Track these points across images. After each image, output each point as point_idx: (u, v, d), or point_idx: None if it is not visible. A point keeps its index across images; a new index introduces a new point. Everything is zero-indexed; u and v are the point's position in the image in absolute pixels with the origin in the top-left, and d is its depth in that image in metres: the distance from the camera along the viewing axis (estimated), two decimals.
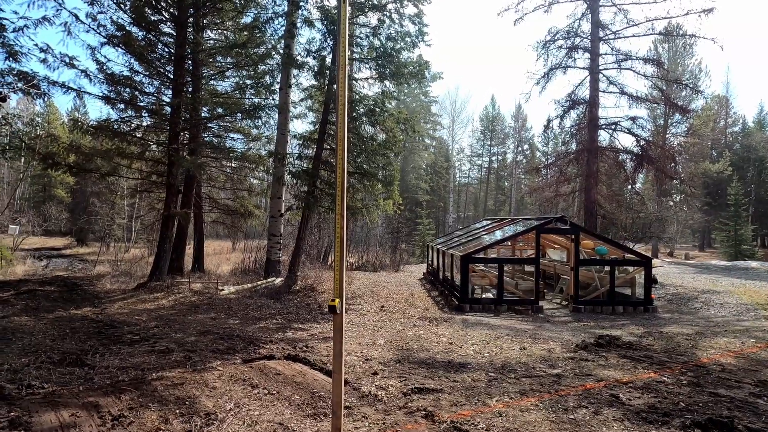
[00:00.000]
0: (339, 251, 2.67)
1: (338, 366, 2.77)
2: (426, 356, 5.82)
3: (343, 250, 2.66)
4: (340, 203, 2.64)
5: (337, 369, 2.79)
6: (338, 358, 2.77)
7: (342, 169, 2.69)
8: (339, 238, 2.69)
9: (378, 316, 8.76)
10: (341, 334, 2.77)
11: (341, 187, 2.68)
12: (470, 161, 59.63)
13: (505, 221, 14.50)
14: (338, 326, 2.77)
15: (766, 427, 3.66)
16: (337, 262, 2.66)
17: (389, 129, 12.71)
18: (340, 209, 2.66)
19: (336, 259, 2.66)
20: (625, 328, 8.25)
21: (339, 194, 2.66)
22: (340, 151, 2.68)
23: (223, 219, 17.75)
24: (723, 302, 11.59)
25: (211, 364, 5.08)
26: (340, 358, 2.77)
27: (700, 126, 37.78)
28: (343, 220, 2.64)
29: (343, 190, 2.67)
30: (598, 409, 4.02)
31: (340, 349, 2.77)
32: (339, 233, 2.67)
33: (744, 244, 33.63)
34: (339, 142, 2.68)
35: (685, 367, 5.56)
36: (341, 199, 2.66)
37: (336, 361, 2.78)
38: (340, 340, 2.77)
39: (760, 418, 3.90)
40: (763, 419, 3.86)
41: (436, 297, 11.91)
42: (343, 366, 2.95)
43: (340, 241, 2.67)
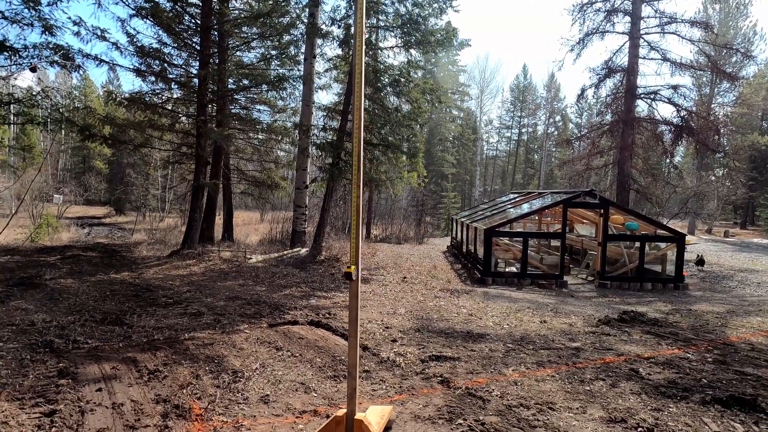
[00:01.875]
0: (355, 219, 2.71)
1: (354, 330, 2.87)
2: (445, 326, 5.92)
3: (359, 218, 2.70)
4: (356, 172, 2.66)
5: (352, 333, 2.89)
6: (354, 323, 2.87)
7: (358, 139, 2.70)
8: (355, 206, 2.72)
9: (400, 286, 8.91)
10: (357, 300, 2.86)
11: (357, 156, 2.70)
12: (499, 133, 58.10)
13: (532, 194, 14.19)
14: (354, 293, 2.86)
15: None
16: (354, 230, 2.72)
17: (414, 100, 12.49)
18: (356, 178, 2.68)
19: (352, 227, 2.72)
20: (652, 305, 8.08)
21: (355, 163, 2.68)
22: (356, 120, 2.67)
23: (250, 190, 18.16)
24: (761, 281, 11.12)
25: (238, 327, 5.35)
26: (356, 324, 2.87)
27: (751, 95, 35.20)
28: (359, 189, 2.66)
29: (359, 158, 2.69)
30: (616, 382, 4.02)
31: (356, 314, 2.87)
32: (355, 202, 2.70)
33: None
34: (356, 111, 2.67)
35: (711, 345, 5.44)
36: (357, 169, 2.68)
37: (351, 326, 2.88)
38: (356, 306, 2.86)
39: None
40: None
41: (459, 270, 11.94)
42: (359, 331, 3.06)
43: (356, 210, 2.71)
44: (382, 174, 13.03)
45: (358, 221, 2.69)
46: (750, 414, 3.45)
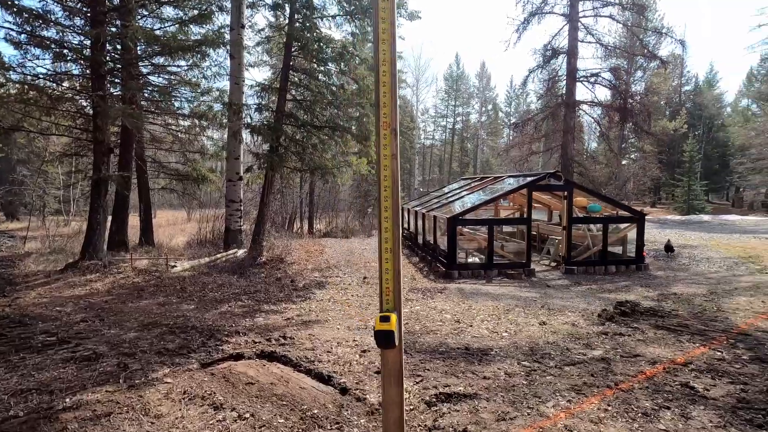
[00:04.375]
0: (389, 229, 1.50)
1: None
2: (435, 341, 4.74)
3: (397, 238, 1.46)
4: (389, 176, 1.40)
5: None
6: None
7: (389, 140, 1.45)
8: (391, 214, 1.50)
9: (362, 289, 7.60)
10: (401, 393, 1.59)
11: (392, 155, 1.41)
12: (435, 122, 58.45)
13: (487, 179, 13.52)
14: (394, 372, 1.57)
15: None
16: (389, 256, 1.47)
17: (362, 78, 11.10)
18: (392, 186, 1.40)
19: (383, 243, 1.46)
20: (633, 291, 7.58)
21: (387, 163, 1.41)
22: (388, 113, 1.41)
23: (173, 185, 15.69)
24: (707, 257, 11.35)
25: (155, 373, 3.73)
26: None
27: (660, 83, 38.20)
28: (397, 197, 1.44)
29: (393, 139, 1.45)
30: (684, 410, 3.09)
31: (399, 416, 1.60)
32: (389, 205, 1.49)
33: (696, 199, 35.08)
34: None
35: (730, 337, 4.82)
36: (390, 171, 1.43)
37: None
38: (400, 407, 1.59)
39: None
40: None
41: (418, 264, 10.90)
42: (327, 360, 1.75)
43: (393, 219, 1.49)
44: (328, 161, 11.53)
45: (395, 242, 1.44)
46: None
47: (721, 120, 46.98)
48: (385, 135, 1.45)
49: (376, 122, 1.50)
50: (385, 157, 1.44)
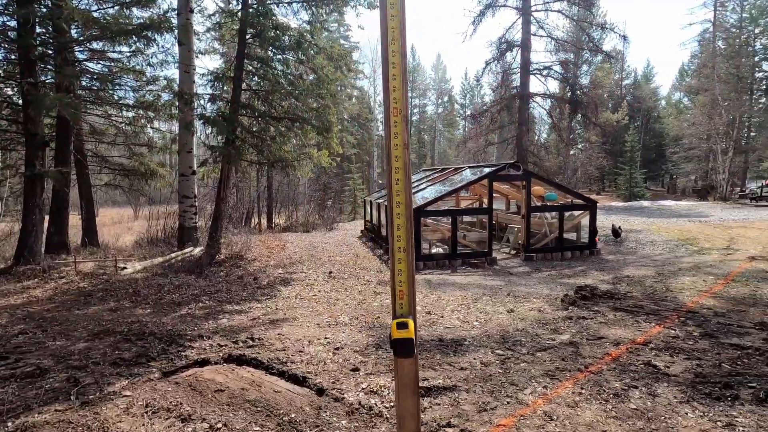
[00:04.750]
0: (402, 226, 1.38)
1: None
2: None
3: (411, 229, 1.37)
4: (401, 150, 1.27)
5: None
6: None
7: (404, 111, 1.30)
8: (403, 214, 1.38)
9: (329, 284, 7.45)
10: (417, 403, 1.50)
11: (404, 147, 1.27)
12: None
13: (448, 170, 13.68)
14: (409, 382, 1.48)
15: None
16: (402, 256, 1.35)
17: (320, 67, 10.80)
18: (402, 159, 1.29)
19: (395, 241, 1.34)
20: (589, 275, 7.95)
21: (400, 155, 1.28)
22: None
23: (118, 181, 14.64)
24: (651, 240, 12.15)
25: (112, 387, 3.43)
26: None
27: (603, 77, 40.28)
28: (409, 190, 1.33)
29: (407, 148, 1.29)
30: (650, 389, 3.24)
31: (416, 429, 1.50)
32: (401, 204, 1.38)
33: (636, 186, 37.54)
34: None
35: (680, 315, 5.16)
36: (403, 148, 1.31)
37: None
38: (416, 419, 1.49)
39: None
40: None
41: (383, 256, 10.87)
42: (300, 359, 1.66)
43: (405, 221, 1.37)
44: (288, 153, 11.17)
45: (408, 240, 1.32)
46: None
47: (657, 112, 50.36)
48: (395, 122, 1.33)
49: (385, 109, 1.37)
50: (396, 147, 1.32)
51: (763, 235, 11.93)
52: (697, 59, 39.22)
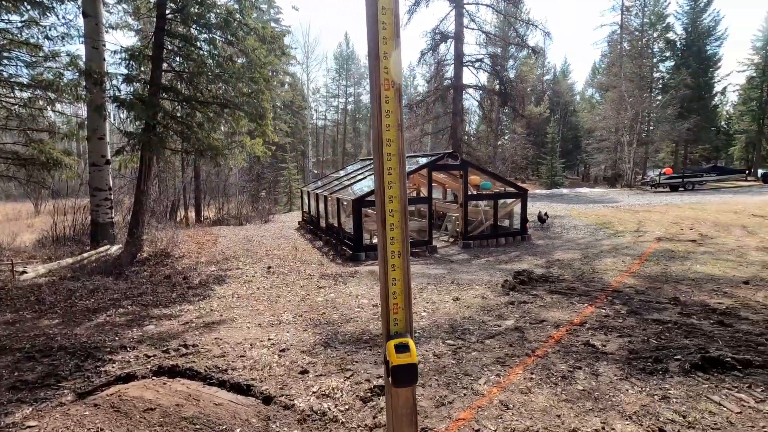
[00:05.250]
0: (397, 226, 1.15)
1: None
2: (357, 329, 4.56)
3: (407, 230, 1.14)
4: (396, 143, 1.06)
5: None
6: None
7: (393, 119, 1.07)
8: (398, 210, 1.15)
9: (269, 280, 7.05)
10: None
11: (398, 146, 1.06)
12: (326, 102, 57.39)
13: None
14: (406, 412, 1.28)
15: (743, 353, 3.54)
16: (394, 248, 1.15)
17: (252, 49, 10.11)
18: (399, 167, 1.07)
19: (388, 244, 1.14)
20: (524, 260, 8.35)
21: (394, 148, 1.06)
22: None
23: (12, 172, 12.71)
24: (573, 225, 13.13)
25: (11, 417, 2.88)
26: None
27: (527, 72, 42.68)
28: (403, 179, 1.10)
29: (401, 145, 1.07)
30: (593, 368, 3.40)
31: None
32: (398, 197, 1.13)
33: (556, 175, 40.55)
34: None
35: (607, 295, 5.56)
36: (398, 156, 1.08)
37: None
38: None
39: (728, 344, 3.81)
40: (731, 344, 3.78)
41: (323, 248, 10.60)
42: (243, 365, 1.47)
43: (402, 206, 1.14)
44: (218, 141, 10.38)
45: (404, 243, 1.11)
46: (728, 374, 3.22)
47: (573, 106, 54.51)
48: (386, 97, 1.10)
49: (372, 80, 1.14)
50: (388, 129, 1.10)
51: (664, 218, 13.38)
52: (607, 58, 42.89)
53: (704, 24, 36.65)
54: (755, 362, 3.38)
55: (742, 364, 3.34)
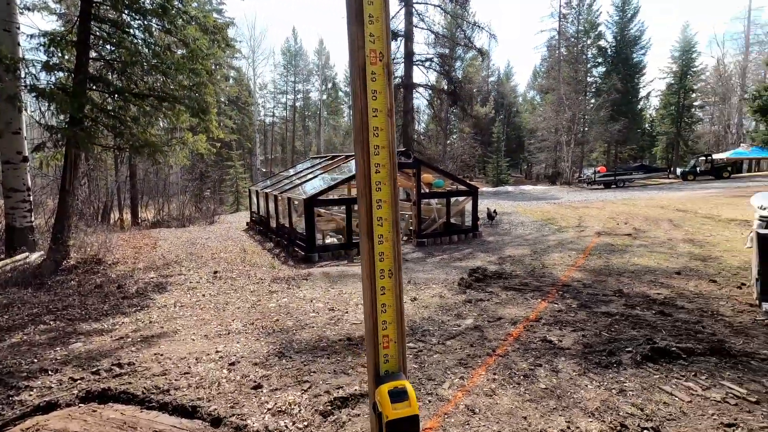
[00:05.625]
0: (387, 239, 0.95)
1: None
2: (313, 336, 4.33)
3: (398, 243, 0.93)
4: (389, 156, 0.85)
5: None
6: None
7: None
8: (388, 210, 0.93)
9: (215, 286, 6.60)
10: None
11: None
12: (274, 98, 55.76)
13: (339, 158, 13.38)
14: None
15: (685, 342, 3.73)
16: (383, 266, 0.95)
17: (193, 39, 9.44)
18: (390, 163, 0.86)
19: (377, 260, 0.94)
20: (477, 257, 8.48)
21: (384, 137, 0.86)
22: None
23: None
24: (521, 221, 13.62)
25: None
26: None
27: (474, 73, 44.02)
28: (394, 179, 0.88)
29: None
30: (552, 365, 3.44)
31: None
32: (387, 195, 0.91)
33: (502, 173, 42.21)
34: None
35: (558, 289, 5.73)
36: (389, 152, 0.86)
37: None
38: None
39: (671, 333, 4.01)
40: (673, 333, 3.98)
41: (274, 249, 10.18)
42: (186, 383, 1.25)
43: (393, 212, 0.93)
44: (155, 137, 9.61)
45: (396, 260, 0.91)
46: (675, 363, 3.38)
47: (516, 107, 56.99)
48: (373, 74, 0.89)
49: (352, 52, 0.92)
50: (376, 114, 0.88)
51: (601, 213, 14.24)
52: (546, 62, 45.25)
53: (631, 33, 39.68)
54: (697, 350, 3.57)
55: (686, 352, 3.52)
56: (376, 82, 0.92)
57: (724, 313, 4.58)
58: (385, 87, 0.93)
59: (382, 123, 0.94)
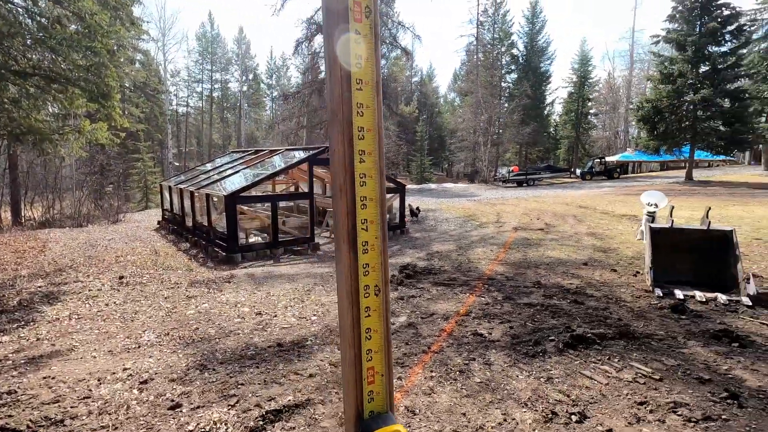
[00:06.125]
0: (374, 247, 0.78)
1: None
2: (239, 343, 4.00)
3: (386, 253, 0.76)
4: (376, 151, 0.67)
5: None
6: None
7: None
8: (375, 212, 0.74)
9: (122, 294, 5.85)
10: None
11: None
12: (189, 87, 51.73)
13: (263, 153, 12.73)
14: None
15: (597, 328, 4.07)
16: (369, 282, 0.79)
17: (90, 13, 8.31)
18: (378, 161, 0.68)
19: (361, 275, 0.76)
20: (406, 254, 8.58)
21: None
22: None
23: None
24: (445, 218, 14.13)
25: None
26: None
27: (398, 73, 44.83)
28: (381, 175, 0.69)
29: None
30: (485, 358, 3.53)
31: None
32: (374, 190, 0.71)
33: (425, 171, 43.63)
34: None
35: (484, 283, 5.98)
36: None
37: None
38: None
39: (585, 320, 4.34)
40: (587, 320, 4.32)
41: (191, 250, 9.39)
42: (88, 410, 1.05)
43: (380, 215, 0.75)
44: (43, 123, 8.32)
45: (382, 274, 0.74)
46: (591, 348, 3.65)
47: (438, 108, 59.19)
48: (357, 33, 0.67)
49: (327, 17, 0.72)
50: (360, 88, 0.68)
51: (516, 209, 15.30)
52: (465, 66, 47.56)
53: (539, 44, 43.24)
54: (608, 335, 3.91)
55: (600, 337, 3.83)
56: (359, 47, 0.75)
57: (626, 299, 5.11)
58: (371, 55, 0.77)
59: (368, 98, 0.77)
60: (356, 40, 0.73)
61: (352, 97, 0.76)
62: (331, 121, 0.81)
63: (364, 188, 0.81)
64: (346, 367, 0.89)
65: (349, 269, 0.84)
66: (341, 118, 0.79)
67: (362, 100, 0.77)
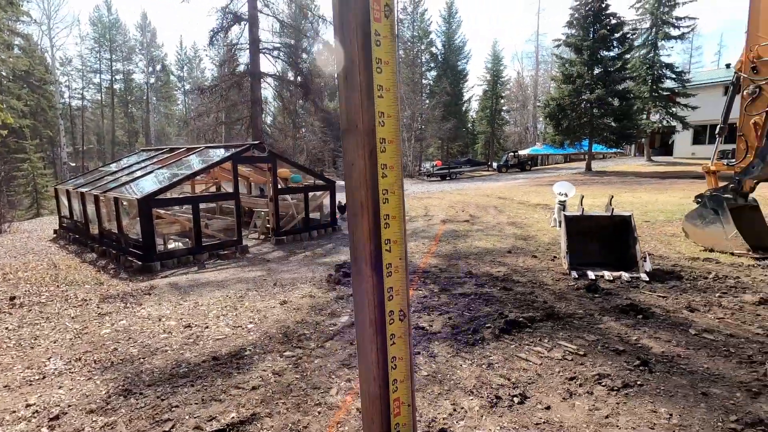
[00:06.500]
0: (398, 269, 0.80)
1: None
2: (169, 361, 3.66)
3: (406, 271, 0.66)
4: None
5: None
6: None
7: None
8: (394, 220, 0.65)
9: (14, 317, 5.05)
10: None
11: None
12: (84, 78, 46.17)
13: (180, 151, 11.76)
14: None
15: (527, 312, 4.37)
16: (394, 307, 0.69)
17: None
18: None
19: (386, 300, 0.67)
20: (340, 252, 8.52)
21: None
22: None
23: None
24: None
25: None
26: None
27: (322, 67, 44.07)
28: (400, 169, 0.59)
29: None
30: (429, 351, 3.61)
31: None
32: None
33: None
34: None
35: (419, 276, 6.13)
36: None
37: None
38: None
39: (515, 306, 4.64)
40: (516, 305, 4.62)
41: (98, 261, 8.43)
42: None
43: (401, 223, 0.65)
44: None
45: (404, 296, 0.66)
46: (524, 332, 3.91)
47: None
48: (377, 36, 0.58)
49: (342, 5, 0.60)
50: (382, 95, 0.57)
51: (442, 203, 15.93)
52: None
53: (456, 43, 45.24)
54: (536, 317, 4.22)
55: (530, 320, 4.12)
56: (381, 48, 0.67)
57: (548, 282, 5.56)
58: (390, 33, 0.68)
59: (389, 81, 0.68)
60: (377, 41, 0.65)
61: (374, 78, 0.67)
62: (347, 132, 0.72)
63: (386, 205, 0.74)
64: (368, 403, 0.80)
65: (373, 294, 0.76)
66: (361, 129, 0.70)
67: (383, 83, 0.69)
